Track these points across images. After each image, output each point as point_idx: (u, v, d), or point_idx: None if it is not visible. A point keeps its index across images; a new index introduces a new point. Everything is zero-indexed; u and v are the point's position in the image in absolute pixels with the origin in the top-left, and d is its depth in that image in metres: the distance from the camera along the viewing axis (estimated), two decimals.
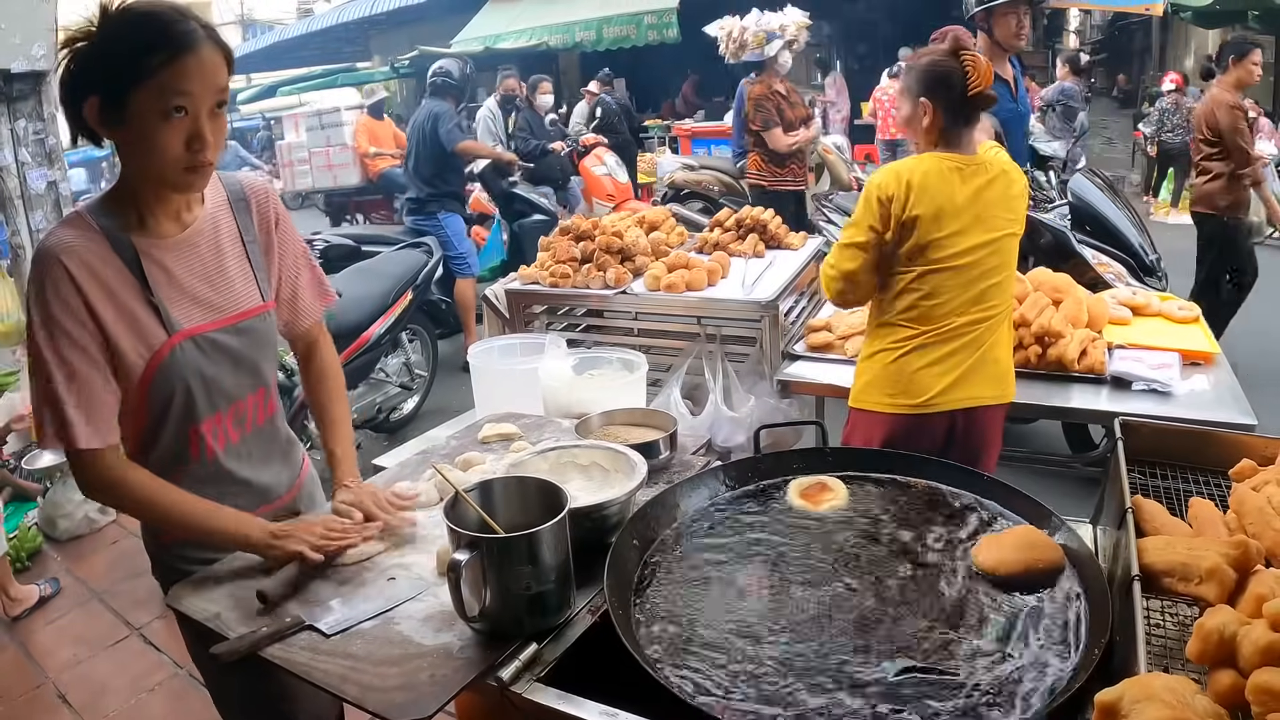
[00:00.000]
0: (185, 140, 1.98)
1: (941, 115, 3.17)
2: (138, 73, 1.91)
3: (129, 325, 2.09)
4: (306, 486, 2.64)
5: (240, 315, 2.27)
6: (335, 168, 15.98)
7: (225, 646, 1.88)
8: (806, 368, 4.14)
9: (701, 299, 4.70)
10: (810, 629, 1.81)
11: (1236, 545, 1.59)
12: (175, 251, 2.18)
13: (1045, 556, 1.87)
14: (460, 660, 1.83)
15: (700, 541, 2.14)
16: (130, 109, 1.94)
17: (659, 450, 2.57)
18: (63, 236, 2.04)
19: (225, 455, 2.33)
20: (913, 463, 2.40)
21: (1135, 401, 3.55)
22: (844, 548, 2.08)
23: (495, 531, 1.90)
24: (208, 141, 2.00)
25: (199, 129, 1.98)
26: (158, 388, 2.15)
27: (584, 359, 3.32)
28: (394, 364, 7.23)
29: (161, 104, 1.93)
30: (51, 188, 6.25)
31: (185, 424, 2.23)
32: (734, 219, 5.61)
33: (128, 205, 2.13)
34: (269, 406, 2.45)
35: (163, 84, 1.91)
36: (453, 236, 8.69)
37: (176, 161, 2.00)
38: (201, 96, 1.97)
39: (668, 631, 1.83)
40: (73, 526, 5.85)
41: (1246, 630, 1.36)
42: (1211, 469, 2.16)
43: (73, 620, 5.01)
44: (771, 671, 1.69)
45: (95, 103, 1.97)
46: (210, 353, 2.21)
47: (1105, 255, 5.87)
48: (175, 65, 1.92)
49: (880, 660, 1.70)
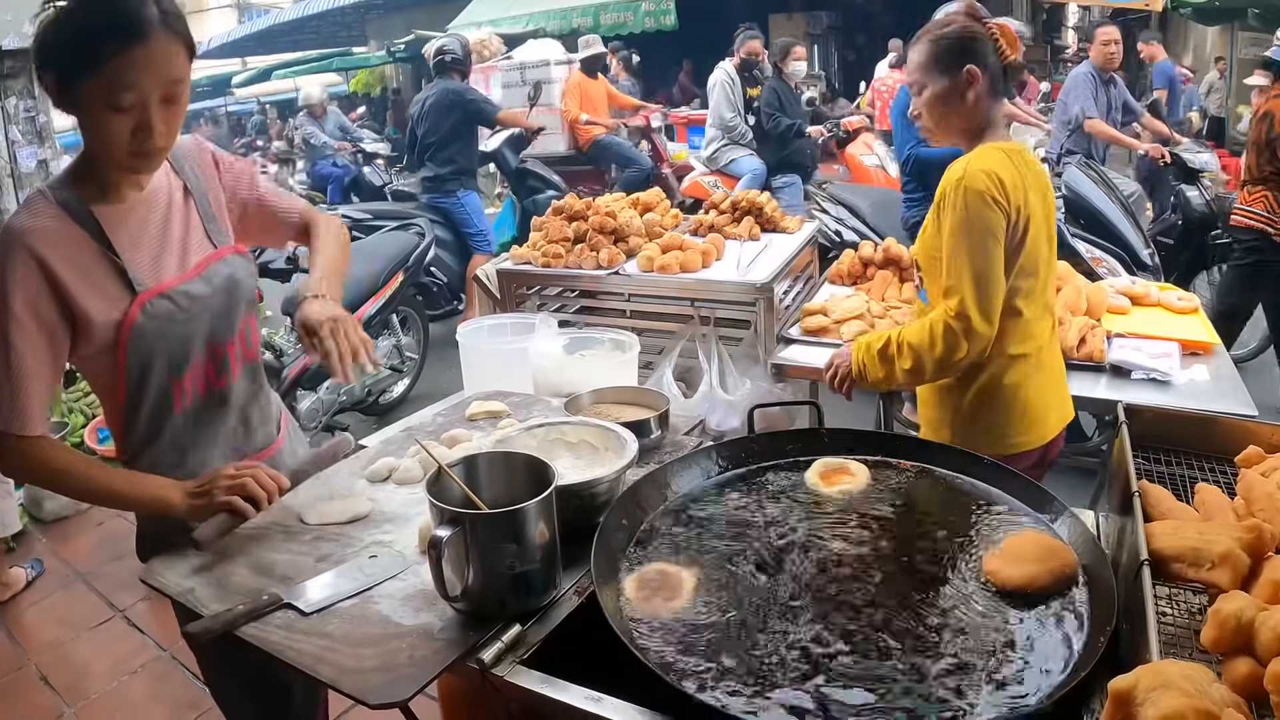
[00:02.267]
0: (131, 130, 1.96)
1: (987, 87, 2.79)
2: (86, 63, 1.89)
3: (98, 293, 2.07)
4: (289, 442, 2.62)
5: (201, 264, 2.25)
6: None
7: (199, 625, 1.83)
8: (802, 351, 4.08)
9: (696, 280, 4.67)
10: (800, 610, 1.76)
11: (1250, 529, 1.54)
12: (134, 213, 2.17)
13: (1065, 560, 1.79)
14: (440, 641, 1.78)
15: (691, 522, 2.09)
16: (81, 96, 1.93)
17: (650, 429, 2.52)
18: (24, 220, 2.03)
19: (208, 402, 2.32)
20: (912, 446, 2.35)
21: (1134, 390, 3.49)
22: (845, 532, 2.02)
23: (479, 508, 1.85)
24: (155, 131, 1.98)
25: (146, 119, 1.97)
26: (135, 347, 2.13)
27: (575, 339, 3.27)
28: (384, 346, 7.18)
29: (109, 97, 1.92)
30: (42, 166, 6.21)
31: (165, 378, 2.21)
32: (729, 201, 5.57)
33: (88, 175, 2.12)
34: (250, 351, 2.43)
35: (110, 77, 1.90)
36: (472, 213, 8.71)
37: (121, 149, 1.99)
38: (151, 88, 1.94)
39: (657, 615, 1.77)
40: (58, 508, 5.80)
41: (1265, 616, 1.31)
42: (1216, 455, 2.11)
43: (56, 602, 4.98)
44: (759, 654, 1.64)
45: (52, 81, 1.97)
46: (181, 302, 2.18)
47: (1098, 250, 5.90)
48: (124, 57, 1.89)
49: (876, 646, 1.65)
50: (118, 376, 2.16)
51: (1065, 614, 1.70)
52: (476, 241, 8.69)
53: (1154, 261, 6.09)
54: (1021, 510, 2.04)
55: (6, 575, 5.05)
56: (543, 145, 11.71)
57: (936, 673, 1.58)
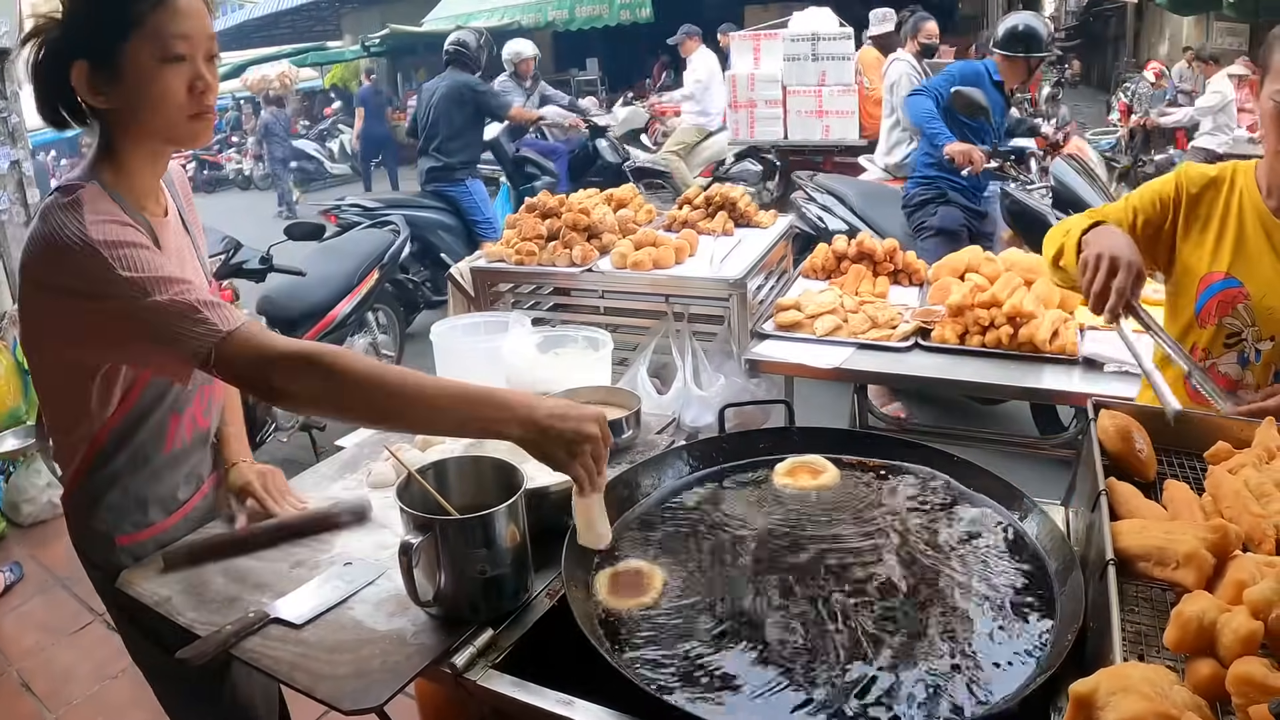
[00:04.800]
0: (188, 84, 1.91)
1: None
2: (128, 22, 1.83)
3: None
4: None
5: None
6: (829, 115, 10.55)
7: (193, 649, 1.79)
8: (775, 347, 4.08)
9: (669, 277, 4.66)
10: (769, 608, 1.77)
11: (1215, 529, 1.55)
12: (164, 232, 2.08)
13: None
14: (414, 646, 1.79)
15: (662, 521, 2.10)
16: (125, 64, 1.86)
17: (622, 429, 2.52)
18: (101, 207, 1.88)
19: (194, 441, 2.30)
20: (879, 444, 2.36)
21: (1107, 383, 3.50)
22: (812, 531, 2.03)
23: (449, 513, 1.85)
24: (211, 84, 1.93)
25: (199, 72, 1.92)
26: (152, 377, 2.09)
27: (549, 337, 3.26)
28: (361, 344, 7.15)
29: (160, 49, 1.86)
30: (15, 167, 6.16)
31: (166, 414, 2.17)
32: (703, 196, 5.57)
33: (123, 186, 2.00)
34: (221, 390, 2.41)
35: (157, 28, 1.84)
36: (479, 201, 8.94)
37: (182, 109, 1.92)
38: (197, 40, 1.90)
39: (630, 615, 1.78)
40: (36, 511, 5.76)
41: (1227, 618, 1.32)
42: (1186, 450, 2.12)
43: (35, 607, 4.95)
44: (726, 655, 1.66)
45: (84, 67, 1.87)
46: None
47: None
48: (166, 8, 1.84)
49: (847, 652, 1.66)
50: (127, 400, 2.07)
51: (1034, 613, 1.71)
52: (483, 229, 8.80)
53: None
54: (991, 507, 2.05)
55: None
56: (827, 130, 10.54)
57: (903, 672, 1.59)
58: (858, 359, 3.90)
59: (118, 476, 2.15)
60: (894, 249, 4.73)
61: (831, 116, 10.42)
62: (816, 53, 10.30)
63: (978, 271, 4.25)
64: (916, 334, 3.97)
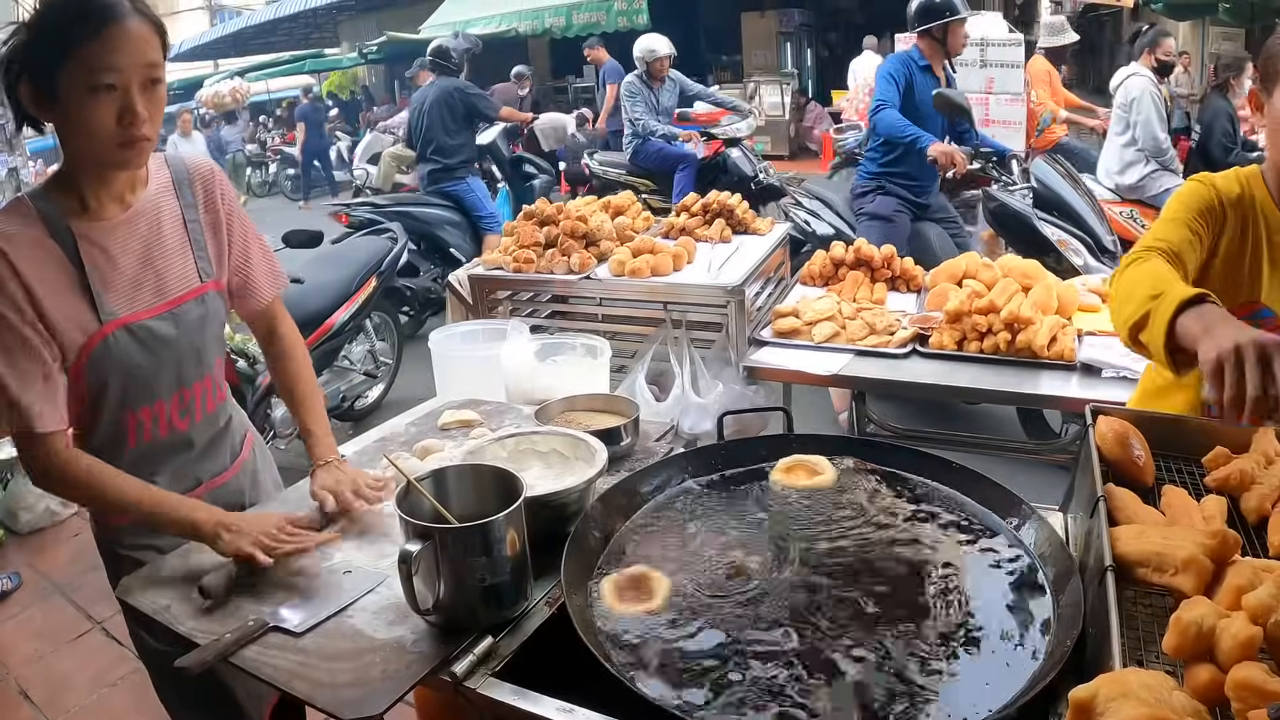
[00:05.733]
0: (116, 115, 1.94)
1: None
2: (61, 49, 1.88)
3: (65, 312, 2.05)
4: (249, 464, 2.62)
5: (177, 300, 2.23)
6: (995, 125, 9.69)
7: (192, 658, 1.80)
8: (773, 354, 4.09)
9: (667, 284, 4.67)
10: (769, 615, 1.77)
11: (1213, 535, 1.55)
12: (115, 234, 2.14)
13: None
14: (413, 655, 1.79)
15: (661, 529, 2.09)
16: (59, 88, 1.92)
17: (620, 437, 2.52)
18: (2, 226, 2.00)
19: (169, 441, 2.31)
20: (879, 450, 2.35)
21: (1105, 388, 3.50)
22: (810, 535, 2.04)
23: (449, 521, 1.85)
24: (140, 116, 1.96)
25: (130, 103, 1.94)
26: (92, 375, 2.12)
27: (547, 345, 3.27)
28: (358, 351, 7.17)
29: (88, 79, 1.90)
30: (12, 174, 6.18)
31: (121, 411, 2.20)
32: (700, 204, 5.57)
33: (70, 189, 2.10)
34: (219, 394, 2.42)
35: (87, 59, 1.88)
36: (481, 197, 9.54)
37: (109, 138, 1.96)
38: (130, 70, 1.93)
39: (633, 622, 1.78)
40: (34, 519, 5.74)
41: (1226, 624, 1.32)
42: (1184, 455, 2.12)
43: (34, 614, 4.93)
44: (729, 664, 1.65)
45: (27, 87, 1.95)
46: (147, 341, 2.17)
47: (1064, 233, 6.18)
48: (99, 39, 1.88)
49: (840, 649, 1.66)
50: (73, 399, 2.14)
51: (1032, 619, 1.72)
52: (487, 223, 9.34)
53: (1115, 247, 6.35)
54: (988, 514, 2.06)
55: None
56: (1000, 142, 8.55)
57: (903, 675, 1.59)
58: (856, 365, 3.91)
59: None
60: (891, 255, 4.74)
61: (997, 126, 9.67)
62: (985, 59, 9.83)
63: (975, 277, 4.26)
64: (914, 340, 3.98)
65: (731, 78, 21.20)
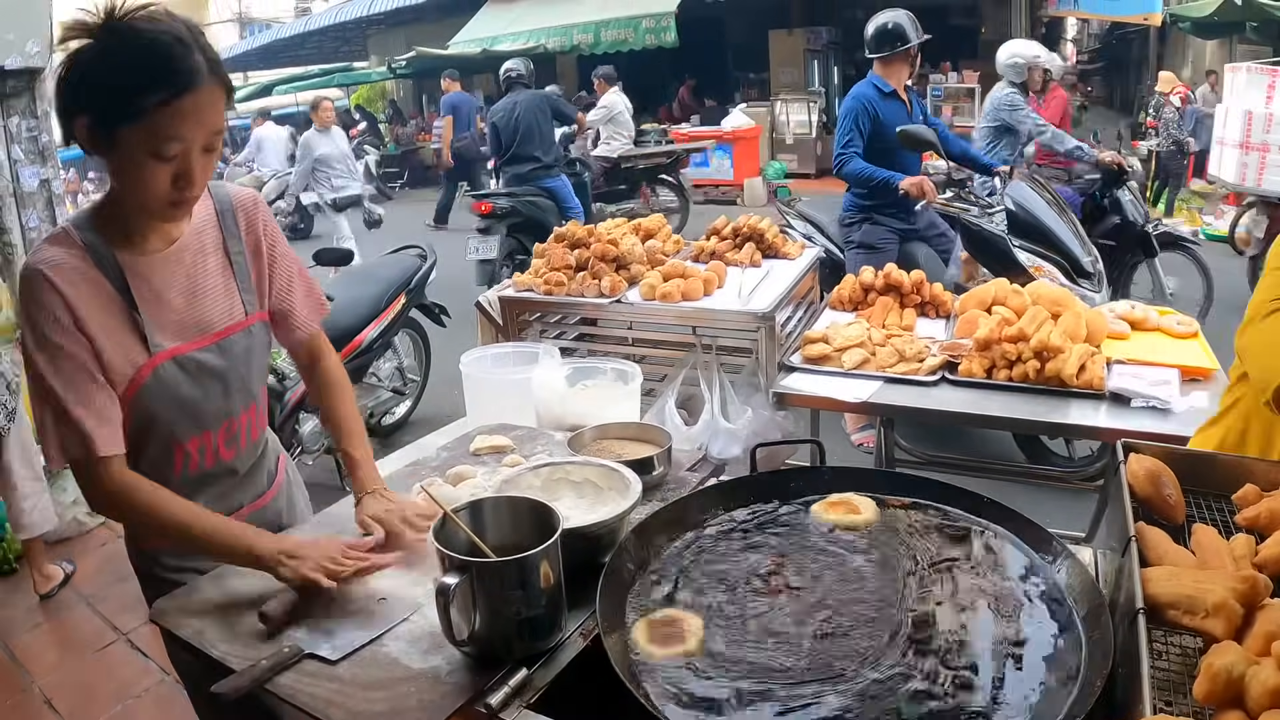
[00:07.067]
0: (172, 179, 1.94)
1: None
2: (130, 111, 1.85)
3: (116, 343, 2.06)
4: (284, 487, 2.63)
5: (224, 332, 2.25)
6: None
7: (228, 684, 1.81)
8: (803, 380, 4.10)
9: (697, 309, 4.67)
10: (806, 652, 1.77)
11: (1244, 579, 1.56)
12: (161, 267, 2.15)
13: None
14: (448, 685, 1.80)
15: (696, 562, 2.09)
16: (119, 141, 1.89)
17: (653, 466, 2.53)
18: (49, 254, 2.01)
19: (214, 471, 2.33)
20: (907, 483, 2.35)
21: (1134, 418, 3.51)
22: (847, 572, 2.03)
23: (485, 554, 1.86)
24: (195, 180, 1.97)
25: (188, 168, 1.95)
26: (139, 407, 2.13)
27: (577, 369, 3.28)
28: (387, 368, 7.21)
29: (152, 146, 1.89)
30: (44, 186, 6.19)
31: (168, 442, 2.22)
32: (731, 227, 5.58)
33: (114, 220, 2.10)
34: (262, 422, 2.45)
35: (155, 127, 1.86)
36: (568, 193, 10.95)
37: (161, 199, 1.97)
38: (195, 139, 1.92)
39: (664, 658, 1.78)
40: (61, 529, 5.78)
41: (1255, 670, 1.33)
42: (1215, 493, 2.12)
43: (60, 624, 5.00)
44: (762, 704, 1.65)
45: (85, 124, 1.91)
46: (194, 373, 2.18)
47: (1040, 259, 6.21)
48: (171, 108, 1.86)
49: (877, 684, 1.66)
50: (124, 422, 2.13)
51: (1066, 657, 1.72)
52: (574, 214, 10.46)
53: (1096, 269, 6.33)
54: (1021, 549, 2.06)
55: (47, 569, 5.24)
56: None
57: (937, 712, 1.60)
58: (885, 393, 3.91)
59: None
60: (921, 281, 4.75)
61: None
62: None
63: (1004, 304, 4.26)
64: (944, 367, 3.98)
65: (758, 95, 21.26)
